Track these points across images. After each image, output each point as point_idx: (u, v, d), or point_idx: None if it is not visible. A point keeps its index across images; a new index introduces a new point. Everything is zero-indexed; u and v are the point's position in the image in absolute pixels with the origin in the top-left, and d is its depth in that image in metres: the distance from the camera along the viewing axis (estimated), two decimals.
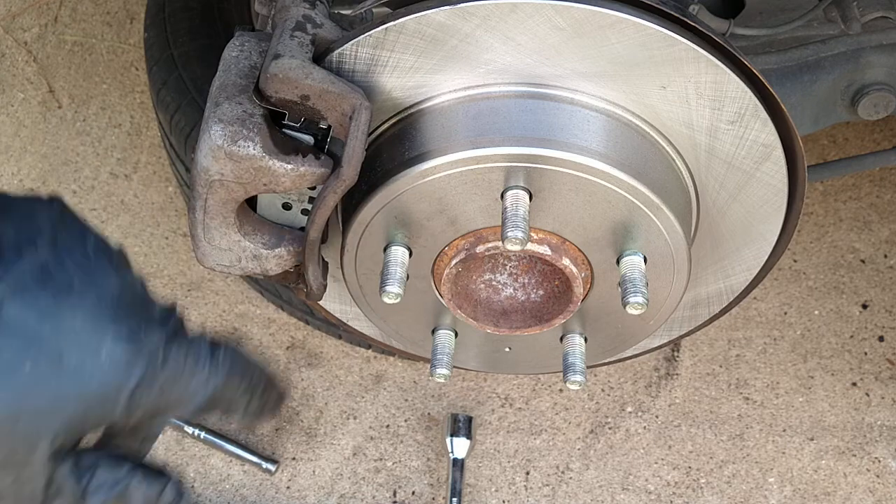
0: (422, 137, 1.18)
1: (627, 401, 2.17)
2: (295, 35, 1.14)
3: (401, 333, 1.42)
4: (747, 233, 1.34)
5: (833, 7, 1.47)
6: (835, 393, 2.18)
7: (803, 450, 2.11)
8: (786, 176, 1.26)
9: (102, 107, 2.56)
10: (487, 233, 1.21)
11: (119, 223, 2.37)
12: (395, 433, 2.12)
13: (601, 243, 1.22)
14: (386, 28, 1.12)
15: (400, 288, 1.21)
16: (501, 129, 1.15)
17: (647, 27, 1.11)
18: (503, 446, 2.11)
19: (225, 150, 1.11)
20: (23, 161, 2.46)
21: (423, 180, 1.16)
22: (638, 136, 1.19)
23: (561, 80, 1.16)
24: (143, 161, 2.47)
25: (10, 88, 2.60)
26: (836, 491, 2.07)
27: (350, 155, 1.10)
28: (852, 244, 2.38)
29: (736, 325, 2.26)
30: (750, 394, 2.18)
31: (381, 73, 1.16)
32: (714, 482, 2.08)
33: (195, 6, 1.99)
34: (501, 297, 1.31)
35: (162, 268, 2.31)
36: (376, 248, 1.25)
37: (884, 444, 2.12)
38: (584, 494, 2.06)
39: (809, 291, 2.31)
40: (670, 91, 1.16)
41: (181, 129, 1.91)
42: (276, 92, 1.10)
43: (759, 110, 1.18)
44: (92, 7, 2.74)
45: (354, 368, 2.19)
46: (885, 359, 2.22)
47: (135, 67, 2.63)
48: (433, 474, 2.07)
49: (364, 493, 2.05)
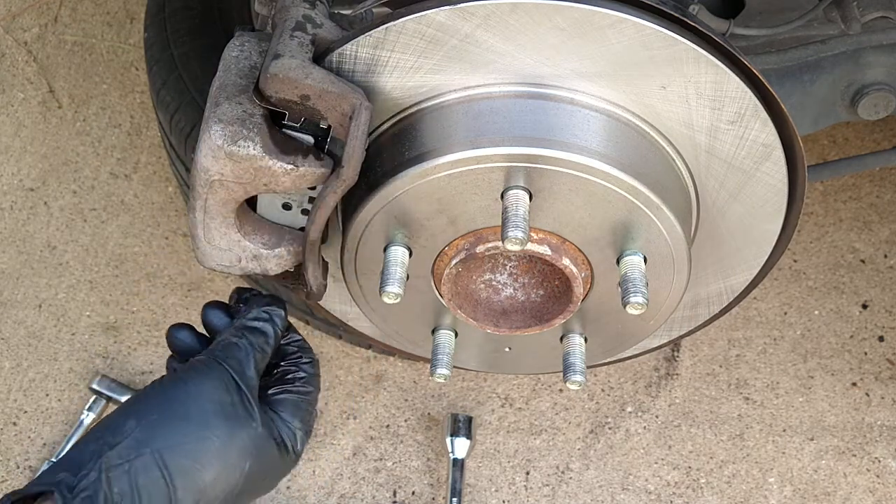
0: (422, 137, 1.18)
1: (627, 401, 2.17)
2: (295, 35, 1.14)
3: (401, 333, 1.42)
4: (747, 233, 1.34)
5: (833, 7, 1.47)
6: (835, 393, 2.18)
7: (803, 450, 2.11)
8: (786, 176, 1.26)
9: (102, 107, 2.56)
10: (487, 233, 1.21)
11: (119, 223, 2.37)
12: (395, 433, 2.12)
13: (601, 243, 1.22)
14: (386, 28, 1.12)
15: (400, 288, 1.21)
16: (501, 130, 1.15)
17: (647, 27, 1.11)
18: (503, 446, 2.11)
19: (225, 150, 1.11)
20: (23, 161, 2.46)
21: (423, 180, 1.16)
22: (638, 136, 1.20)
23: (561, 80, 1.16)
24: (143, 161, 2.47)
25: (10, 88, 2.60)
26: (836, 491, 2.07)
27: (350, 155, 1.10)
28: (852, 244, 2.38)
29: (736, 325, 2.26)
30: (750, 394, 2.18)
31: (381, 73, 1.16)
32: (714, 482, 2.08)
33: (195, 6, 1.99)
34: (501, 297, 1.31)
35: (162, 268, 2.31)
36: (376, 248, 1.25)
37: (884, 444, 2.12)
38: (584, 494, 2.06)
39: (809, 291, 2.31)
40: (670, 91, 1.16)
41: (181, 129, 1.91)
42: (276, 92, 1.10)
43: (759, 110, 1.18)
44: (92, 7, 2.74)
45: (354, 368, 2.19)
46: (885, 359, 2.23)
47: (135, 67, 2.63)
48: (433, 474, 2.07)
49: (364, 493, 2.05)
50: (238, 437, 1.14)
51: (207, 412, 1.13)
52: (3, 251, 2.33)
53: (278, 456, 1.19)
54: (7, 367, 2.17)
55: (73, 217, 2.38)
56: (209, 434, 1.12)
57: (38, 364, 2.18)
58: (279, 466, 1.20)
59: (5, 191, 2.42)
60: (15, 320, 2.24)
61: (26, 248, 2.34)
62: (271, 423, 1.18)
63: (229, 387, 1.16)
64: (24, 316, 2.24)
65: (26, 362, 2.18)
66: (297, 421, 1.21)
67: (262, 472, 1.18)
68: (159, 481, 1.09)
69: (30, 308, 2.25)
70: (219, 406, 1.14)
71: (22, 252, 2.33)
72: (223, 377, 1.16)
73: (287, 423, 1.20)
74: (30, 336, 2.21)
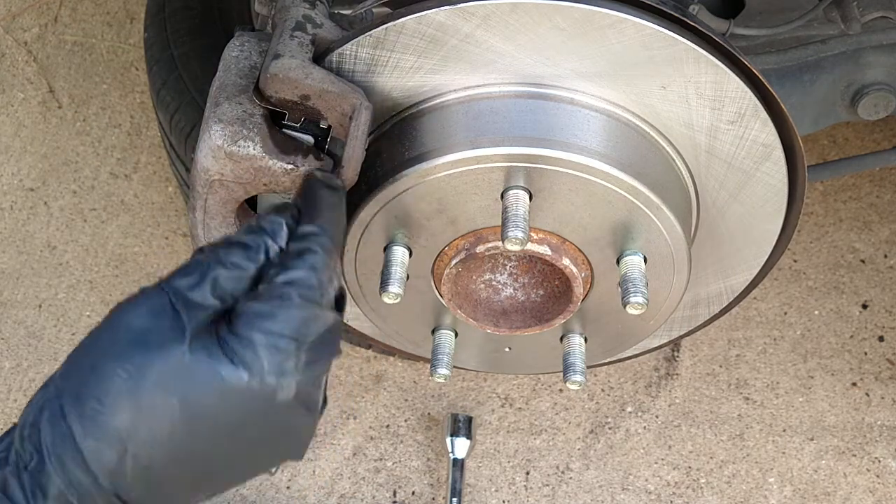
0: (422, 137, 1.18)
1: (627, 401, 2.17)
2: (295, 35, 1.14)
3: (401, 333, 1.42)
4: (747, 233, 1.34)
5: (833, 7, 1.47)
6: (835, 393, 2.18)
7: (803, 450, 2.11)
8: (786, 176, 1.26)
9: (102, 107, 2.56)
10: (487, 233, 1.21)
11: (119, 223, 2.37)
12: (395, 433, 2.12)
13: (601, 243, 1.22)
14: (386, 28, 1.12)
15: (400, 288, 1.21)
16: (501, 129, 1.15)
17: (647, 27, 1.11)
18: (503, 446, 2.11)
19: (225, 150, 1.11)
20: (23, 161, 2.46)
21: (423, 180, 1.16)
22: (638, 136, 1.20)
23: (561, 80, 1.16)
24: (143, 161, 2.47)
25: (10, 88, 2.60)
26: (836, 491, 2.07)
27: (350, 155, 1.10)
28: (852, 244, 2.38)
29: (736, 325, 2.26)
30: (750, 394, 2.18)
31: (381, 73, 1.16)
32: (714, 482, 2.08)
33: (195, 6, 1.99)
34: (501, 297, 1.31)
35: (162, 268, 2.31)
36: (376, 248, 1.25)
37: (884, 444, 2.12)
38: (584, 494, 2.06)
39: (809, 291, 2.31)
40: (670, 91, 1.16)
41: (181, 129, 1.90)
42: (276, 92, 1.10)
43: (759, 110, 1.19)
44: (92, 7, 2.74)
45: (354, 368, 2.19)
46: (885, 359, 2.22)
47: (135, 67, 2.63)
48: (433, 474, 2.07)
49: (364, 493, 2.05)
50: (152, 367, 0.88)
51: (120, 344, 0.90)
52: (3, 251, 2.33)
53: (230, 386, 0.88)
54: (7, 367, 2.17)
55: (73, 217, 2.38)
56: (116, 369, 0.88)
57: (38, 364, 2.18)
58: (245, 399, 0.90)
59: (5, 191, 2.42)
60: (15, 320, 2.24)
61: (26, 248, 2.34)
62: (212, 342, 0.89)
63: (161, 313, 0.90)
64: (24, 316, 2.24)
65: (26, 362, 2.18)
66: (257, 333, 0.89)
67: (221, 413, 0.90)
68: (64, 435, 0.88)
69: (30, 308, 2.25)
70: (135, 335, 0.89)
71: (22, 252, 2.33)
72: (155, 302, 0.91)
73: (240, 337, 0.89)
74: (30, 336, 2.21)
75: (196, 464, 0.93)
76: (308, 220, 0.97)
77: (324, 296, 0.94)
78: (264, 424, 0.93)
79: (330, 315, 0.94)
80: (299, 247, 0.95)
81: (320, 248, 0.95)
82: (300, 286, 0.92)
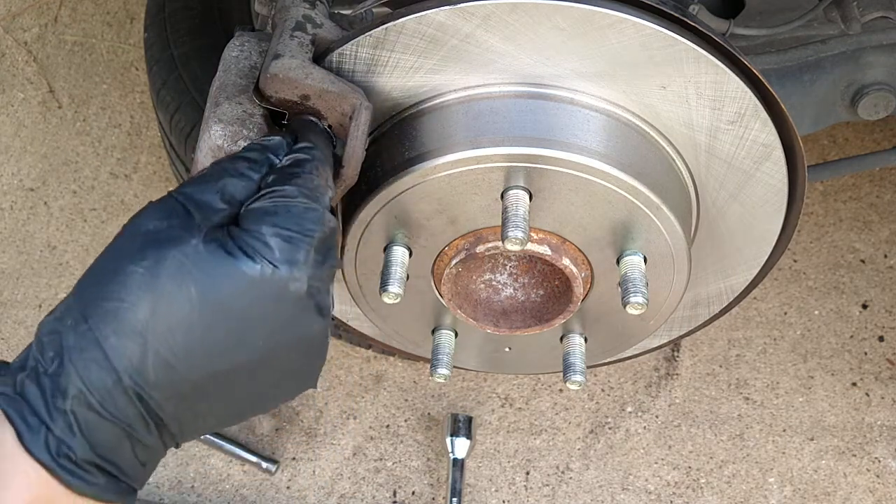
0: (422, 137, 1.18)
1: (627, 401, 2.17)
2: (295, 35, 1.14)
3: (401, 333, 1.42)
4: (747, 233, 1.34)
5: (833, 7, 1.47)
6: (835, 393, 2.18)
7: (803, 450, 2.11)
8: (786, 176, 1.26)
9: (102, 107, 2.56)
10: (487, 233, 1.21)
11: (119, 223, 2.37)
12: (395, 433, 2.12)
13: (601, 243, 1.22)
14: (386, 28, 1.12)
15: (400, 288, 1.21)
16: (501, 130, 1.15)
17: (646, 27, 1.11)
18: (503, 446, 2.11)
19: (225, 151, 1.11)
20: (23, 161, 2.46)
21: (423, 180, 1.16)
22: (638, 136, 1.19)
23: (561, 80, 1.16)
24: (143, 161, 2.47)
25: (10, 88, 2.60)
26: (836, 491, 2.07)
27: (350, 155, 1.10)
28: (852, 244, 2.38)
29: (736, 325, 2.26)
30: (750, 394, 2.18)
31: (381, 73, 1.16)
32: (714, 482, 2.08)
33: (195, 6, 1.99)
34: (501, 297, 1.31)
35: None
36: (376, 248, 1.25)
37: (884, 444, 2.12)
38: (584, 494, 2.06)
39: (809, 291, 2.31)
40: (670, 91, 1.16)
41: (181, 129, 1.91)
42: (276, 92, 1.10)
43: (759, 110, 1.18)
44: (92, 7, 2.74)
45: (354, 368, 2.19)
46: (885, 359, 2.23)
47: (135, 67, 2.63)
48: (433, 474, 2.07)
49: (364, 493, 2.05)
50: (167, 259, 0.91)
51: (136, 245, 0.93)
52: (3, 251, 2.33)
53: (243, 273, 0.92)
54: None
55: (73, 217, 2.38)
56: (134, 267, 0.92)
57: None
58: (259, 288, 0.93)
59: (5, 191, 2.42)
60: (15, 320, 2.24)
61: (26, 248, 2.34)
62: (224, 237, 0.94)
63: (172, 213, 0.95)
64: (24, 316, 2.24)
65: None
66: (265, 227, 0.94)
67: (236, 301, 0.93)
68: (86, 334, 0.91)
69: (30, 308, 2.25)
70: (151, 234, 0.94)
71: (22, 252, 2.33)
72: (167, 205, 0.96)
73: (249, 231, 0.94)
74: (30, 336, 2.21)
75: (215, 361, 0.94)
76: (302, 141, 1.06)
77: (322, 199, 1.00)
78: (278, 318, 0.95)
79: (331, 217, 0.99)
80: (296, 157, 1.02)
81: (315, 158, 1.03)
82: (302, 187, 0.98)
